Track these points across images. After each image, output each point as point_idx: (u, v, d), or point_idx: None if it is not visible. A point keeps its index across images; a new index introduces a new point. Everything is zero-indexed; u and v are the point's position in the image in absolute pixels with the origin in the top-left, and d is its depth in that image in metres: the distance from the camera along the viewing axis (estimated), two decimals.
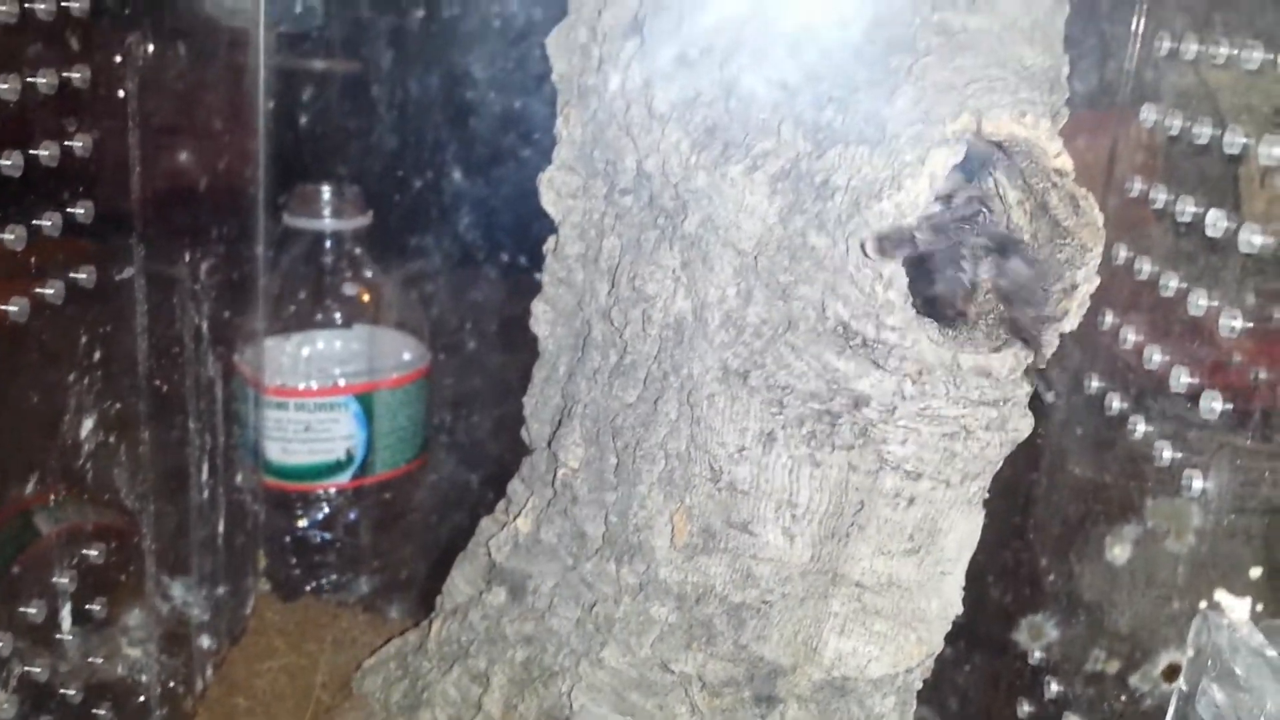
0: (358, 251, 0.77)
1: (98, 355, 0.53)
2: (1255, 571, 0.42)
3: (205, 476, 0.65)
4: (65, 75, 0.49)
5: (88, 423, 0.54)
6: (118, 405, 0.55)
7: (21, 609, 0.50)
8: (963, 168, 0.43)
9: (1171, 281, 0.49)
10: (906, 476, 0.46)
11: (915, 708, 0.52)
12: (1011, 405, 0.46)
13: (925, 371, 0.44)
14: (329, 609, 0.75)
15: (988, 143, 0.43)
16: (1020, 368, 0.45)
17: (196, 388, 0.63)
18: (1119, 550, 0.51)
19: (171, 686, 0.62)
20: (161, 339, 0.59)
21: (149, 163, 0.55)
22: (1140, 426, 0.50)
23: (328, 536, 0.77)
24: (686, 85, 0.46)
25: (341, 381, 0.75)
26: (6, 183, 0.46)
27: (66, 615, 0.53)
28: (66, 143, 0.49)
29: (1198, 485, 0.45)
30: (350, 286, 0.77)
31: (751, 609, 0.48)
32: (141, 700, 0.60)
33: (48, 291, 0.49)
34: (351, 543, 0.78)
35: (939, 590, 0.49)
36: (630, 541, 0.50)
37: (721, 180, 0.45)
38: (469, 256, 0.81)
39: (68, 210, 0.50)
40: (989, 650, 0.61)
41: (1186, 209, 0.48)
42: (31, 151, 0.47)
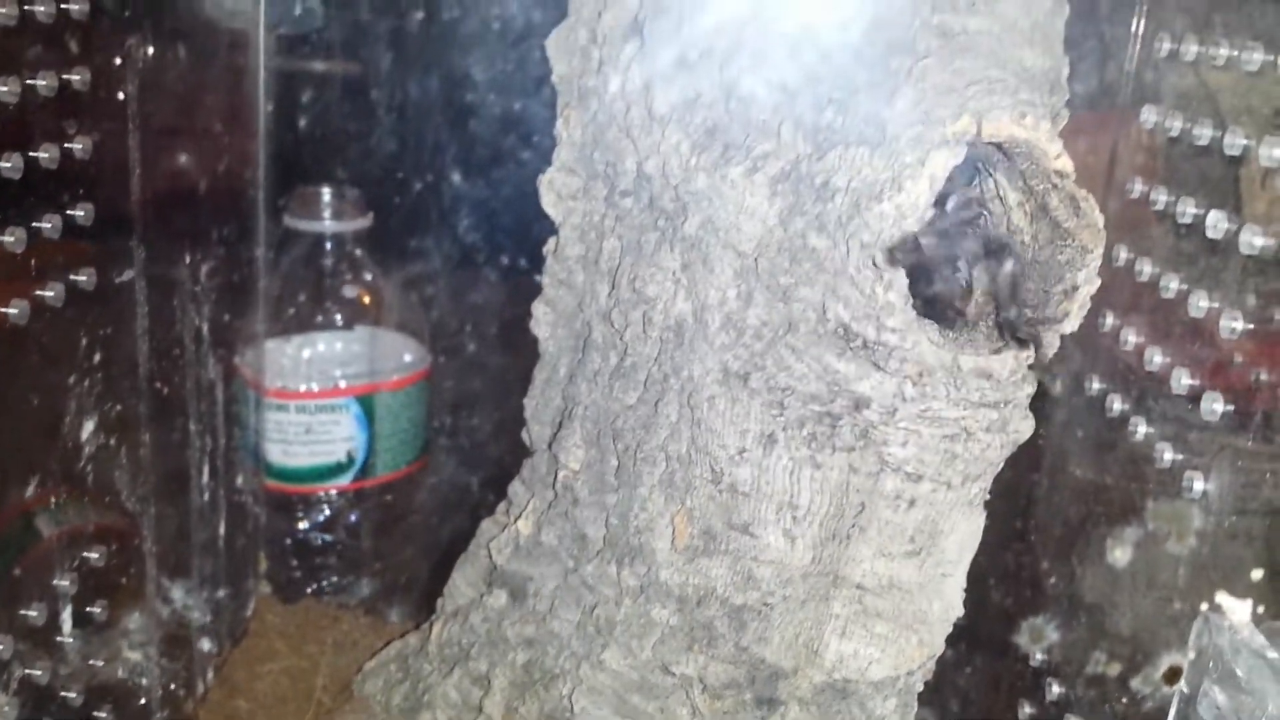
0: (358, 253, 0.77)
1: (98, 357, 0.53)
2: (1256, 573, 0.42)
3: (206, 479, 0.65)
4: (65, 77, 0.49)
5: (88, 425, 0.54)
6: (118, 407, 0.55)
7: (22, 611, 0.50)
8: (962, 169, 0.43)
9: (1172, 283, 0.49)
10: (907, 478, 0.46)
11: (917, 709, 0.52)
12: (1012, 407, 0.46)
13: (926, 373, 0.44)
14: (330, 611, 0.75)
15: (988, 144, 0.43)
16: (1021, 370, 0.45)
17: (197, 390, 0.63)
18: (1120, 552, 0.51)
19: (172, 689, 0.62)
20: (162, 341, 0.59)
21: (149, 165, 0.55)
22: (1141, 428, 0.50)
23: (328, 539, 0.77)
24: (686, 87, 0.46)
25: (342, 383, 0.75)
26: (6, 185, 0.46)
27: (67, 618, 0.53)
28: (66, 145, 0.49)
29: (1199, 487, 0.45)
30: (351, 288, 0.77)
31: (753, 611, 0.48)
32: (142, 703, 0.60)
33: (48, 294, 0.49)
34: (352, 545, 0.77)
35: (940, 592, 0.49)
36: (631, 544, 0.50)
37: (722, 182, 0.45)
38: (469, 258, 0.81)
39: (68, 212, 0.50)
40: (990, 652, 0.61)
41: (1187, 210, 0.48)
42: (31, 154, 0.47)
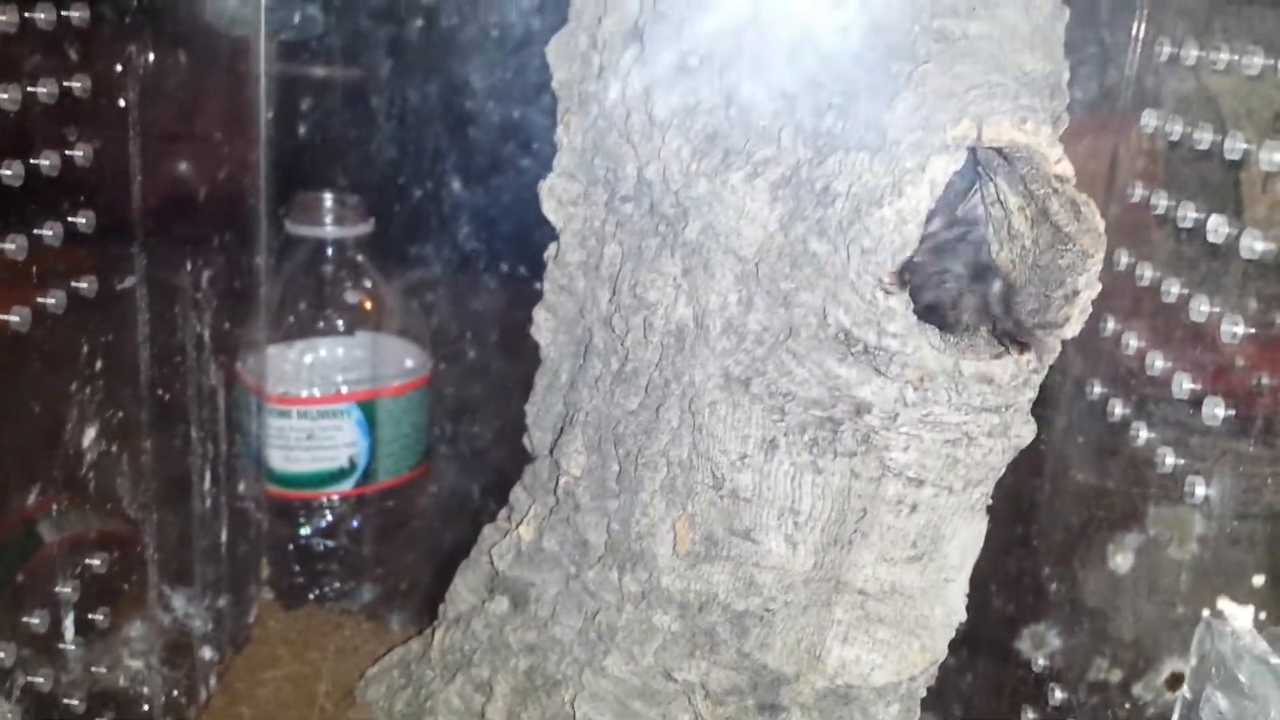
0: (359, 259, 0.77)
1: (99, 364, 0.53)
2: (1258, 579, 0.42)
3: (208, 485, 0.65)
4: (66, 84, 0.49)
5: (90, 432, 0.53)
6: (120, 414, 0.55)
7: (25, 619, 0.50)
8: (963, 174, 0.43)
9: (1173, 287, 0.49)
10: (909, 483, 0.46)
11: (919, 715, 0.51)
12: (1014, 411, 0.46)
13: (927, 378, 0.44)
14: (332, 617, 0.75)
15: (988, 149, 0.43)
16: (1022, 374, 0.45)
17: (199, 396, 0.63)
18: (1121, 558, 0.51)
19: (174, 696, 0.62)
20: (163, 347, 0.59)
21: (150, 171, 0.55)
22: (1142, 433, 0.50)
23: (330, 544, 0.77)
24: (687, 92, 0.46)
25: (344, 389, 0.75)
26: (8, 192, 0.46)
27: (69, 625, 0.53)
28: (67, 152, 0.49)
29: (1200, 492, 0.45)
30: (352, 294, 0.77)
31: (754, 617, 0.48)
32: (144, 710, 0.60)
33: (49, 301, 0.49)
34: (354, 550, 0.77)
35: (942, 597, 0.49)
36: (633, 549, 0.50)
37: (722, 187, 0.45)
38: (470, 263, 0.81)
39: (69, 220, 0.50)
40: (992, 657, 0.60)
41: (1188, 215, 0.48)
42: (32, 161, 0.47)
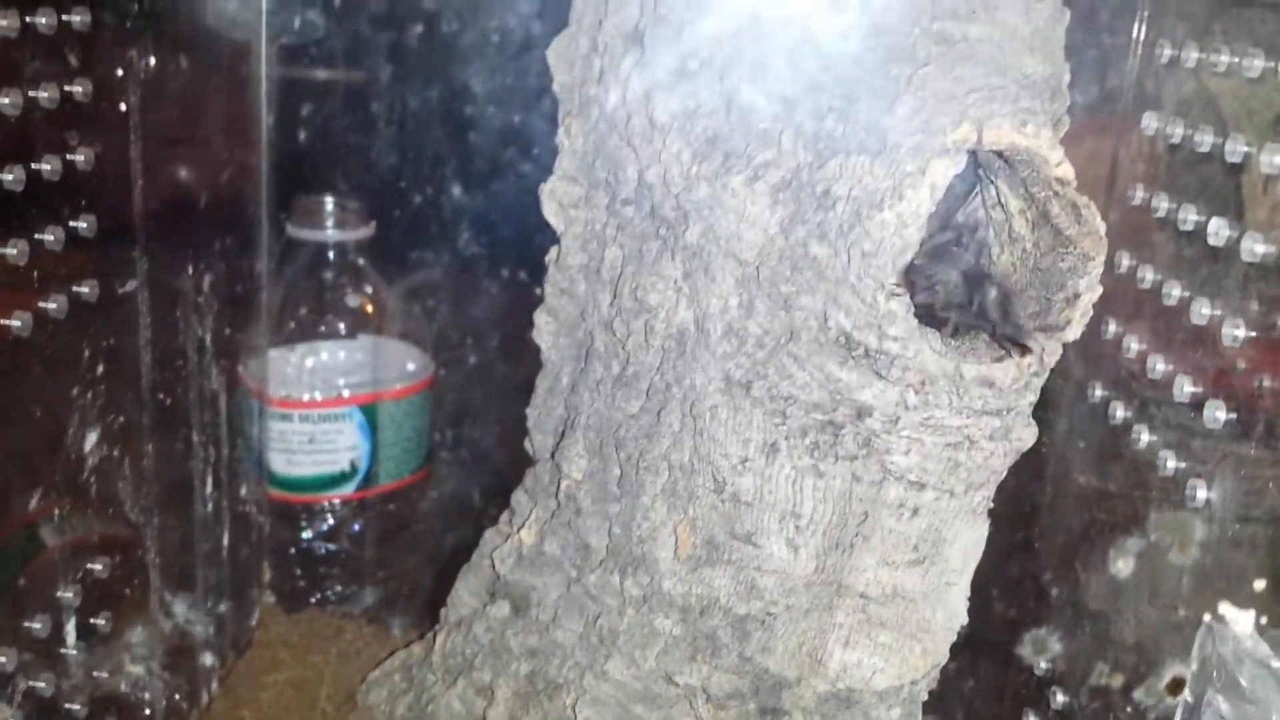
0: (361, 262, 0.77)
1: (101, 369, 0.53)
2: (1260, 583, 0.42)
3: (209, 489, 0.65)
4: (67, 89, 0.49)
5: (91, 436, 0.54)
6: (121, 418, 0.55)
7: (27, 623, 0.50)
8: (963, 176, 0.43)
9: (1174, 290, 0.49)
10: (910, 487, 0.46)
11: (921, 718, 0.51)
12: (1015, 415, 0.46)
13: (928, 382, 0.44)
14: (334, 621, 0.75)
15: (989, 152, 0.43)
16: (1023, 378, 0.45)
17: (200, 400, 0.63)
18: (1122, 562, 0.51)
19: (176, 700, 0.62)
20: (165, 351, 0.59)
21: (151, 175, 0.55)
22: (1144, 436, 0.50)
23: (332, 548, 0.77)
24: (687, 96, 0.46)
25: (345, 392, 0.75)
26: (9, 197, 0.46)
27: (71, 629, 0.53)
28: (68, 156, 0.49)
29: (1201, 495, 0.45)
30: (353, 297, 0.77)
31: (756, 621, 0.48)
32: (146, 714, 0.60)
33: (50, 305, 0.49)
34: (356, 554, 0.77)
35: (944, 601, 0.49)
36: (634, 553, 0.50)
37: (723, 191, 0.45)
38: (471, 266, 0.81)
39: (70, 224, 0.50)
40: (994, 661, 0.60)
41: (1188, 217, 0.48)
42: (34, 166, 0.47)
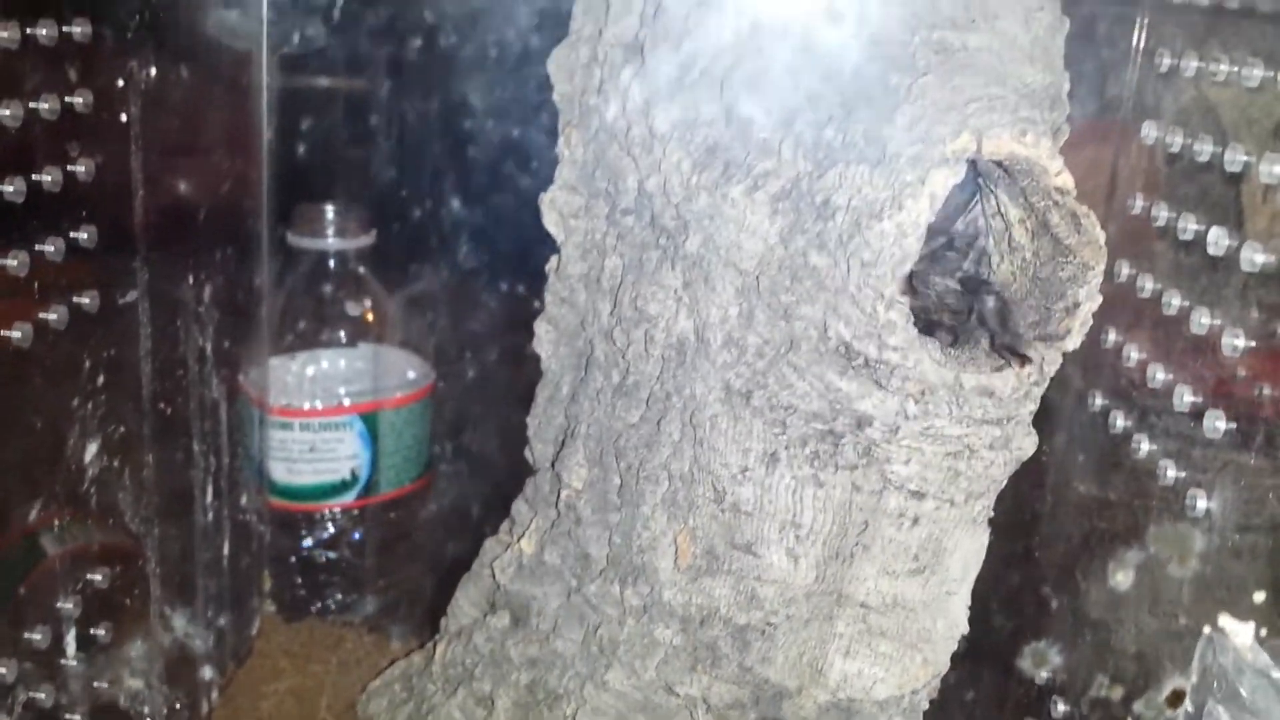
0: (361, 271, 0.77)
1: (101, 379, 0.53)
2: (1259, 596, 0.42)
3: (210, 498, 0.65)
4: (67, 100, 0.49)
5: (92, 447, 0.54)
6: (122, 428, 0.55)
7: (26, 634, 0.50)
8: (963, 186, 0.43)
9: (1174, 299, 0.49)
10: (910, 496, 0.46)
11: None
12: (1015, 424, 0.46)
13: (928, 391, 0.44)
14: (334, 630, 0.75)
15: (989, 161, 0.43)
16: (1023, 387, 0.45)
17: (201, 410, 0.63)
18: (1122, 575, 0.51)
19: (176, 709, 0.62)
20: (165, 361, 0.59)
21: (152, 185, 0.55)
22: (1144, 445, 0.50)
23: (332, 557, 0.77)
24: (687, 105, 0.46)
25: (346, 401, 0.75)
26: (9, 208, 0.46)
27: (71, 640, 0.53)
28: (69, 167, 0.49)
29: (1202, 504, 0.45)
30: (354, 306, 0.77)
31: (756, 631, 0.48)
32: None
33: (51, 316, 0.49)
34: (356, 563, 0.77)
35: (945, 610, 0.48)
36: (634, 563, 0.50)
37: (722, 200, 0.45)
38: (472, 275, 0.81)
39: (70, 235, 0.50)
40: (995, 670, 0.60)
41: (1188, 227, 0.48)
42: (34, 177, 0.47)
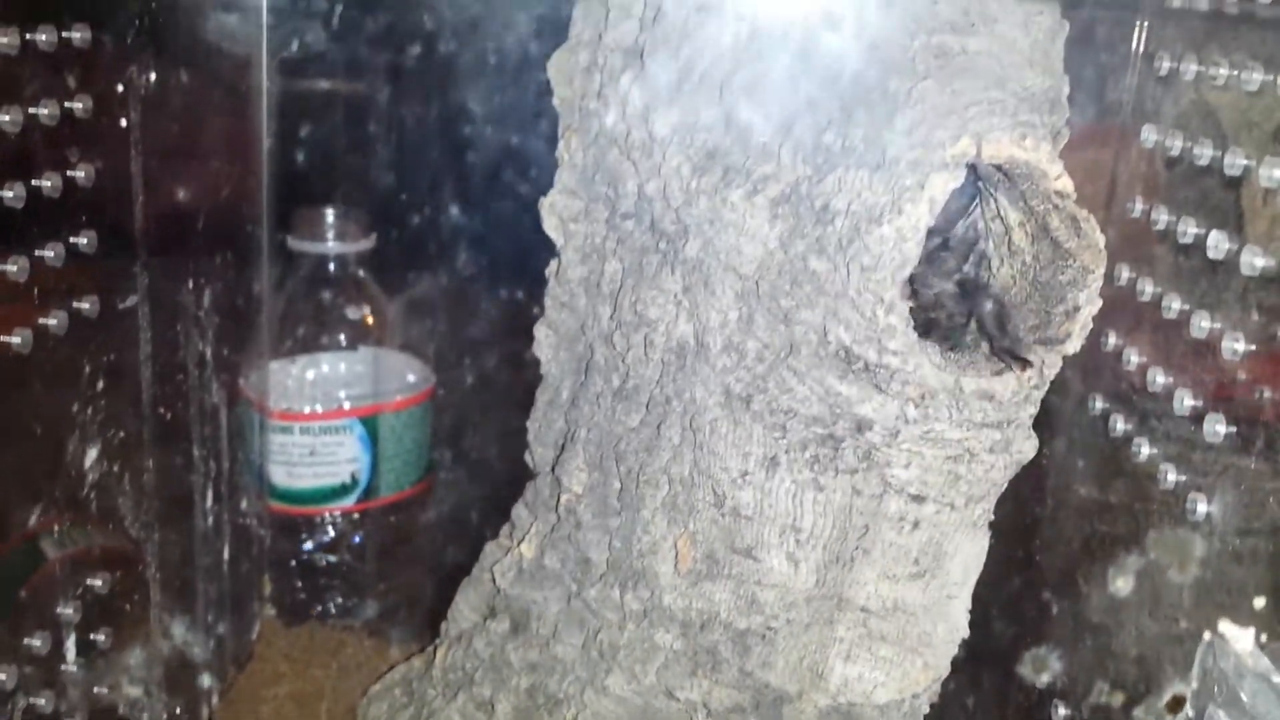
0: (361, 274, 0.77)
1: (102, 384, 0.53)
2: (1259, 601, 0.42)
3: (210, 502, 0.65)
4: (67, 105, 0.49)
5: (92, 452, 0.54)
6: (122, 433, 0.55)
7: (26, 640, 0.50)
8: (963, 190, 0.44)
9: (1174, 303, 0.49)
10: (911, 500, 0.46)
11: None
12: (1015, 427, 0.46)
13: (928, 395, 0.44)
14: (334, 634, 0.75)
15: (988, 165, 0.43)
16: (1023, 390, 0.45)
17: (201, 414, 0.63)
18: (1122, 579, 0.51)
19: (177, 714, 0.62)
20: (166, 365, 0.59)
21: (152, 190, 0.55)
22: (1144, 448, 0.50)
23: (333, 560, 0.77)
24: (686, 110, 0.46)
25: (346, 404, 0.75)
26: (9, 214, 0.46)
27: (71, 645, 0.53)
28: (69, 173, 0.49)
29: (1202, 508, 0.45)
30: (354, 309, 0.77)
31: (756, 635, 0.48)
32: None
33: (51, 322, 0.49)
34: (356, 567, 0.77)
35: (945, 614, 0.48)
36: (634, 567, 0.50)
37: (722, 205, 0.45)
38: (472, 278, 0.81)
39: (70, 240, 0.50)
40: (995, 674, 0.60)
41: (1188, 230, 0.48)
42: (34, 182, 0.47)
